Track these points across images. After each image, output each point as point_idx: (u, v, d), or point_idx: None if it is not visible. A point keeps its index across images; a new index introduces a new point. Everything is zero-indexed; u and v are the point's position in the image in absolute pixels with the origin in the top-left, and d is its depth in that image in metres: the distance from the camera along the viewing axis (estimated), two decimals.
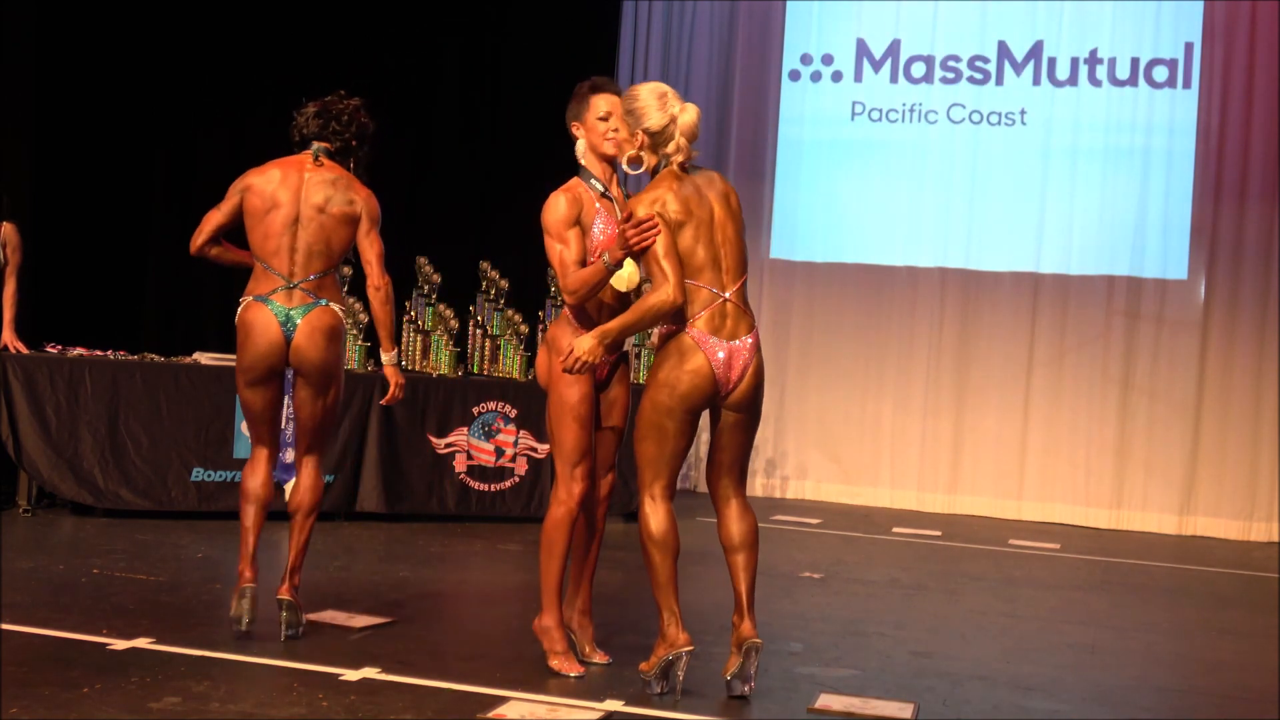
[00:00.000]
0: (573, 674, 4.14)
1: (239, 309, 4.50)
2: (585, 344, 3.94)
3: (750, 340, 4.02)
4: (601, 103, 4.22)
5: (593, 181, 4.23)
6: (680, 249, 3.94)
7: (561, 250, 4.10)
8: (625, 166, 4.11)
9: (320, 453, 4.66)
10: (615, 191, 4.28)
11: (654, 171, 4.08)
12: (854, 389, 9.87)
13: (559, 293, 4.31)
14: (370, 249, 4.53)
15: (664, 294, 3.89)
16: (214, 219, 4.55)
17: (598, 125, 4.21)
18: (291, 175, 4.49)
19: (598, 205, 4.18)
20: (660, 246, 3.90)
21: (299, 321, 4.41)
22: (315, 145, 4.55)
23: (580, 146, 4.26)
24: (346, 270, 7.50)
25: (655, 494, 4.05)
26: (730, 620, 4.12)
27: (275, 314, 4.40)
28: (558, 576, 4.20)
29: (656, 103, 4.00)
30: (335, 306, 4.48)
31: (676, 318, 3.99)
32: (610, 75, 10.15)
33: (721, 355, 3.97)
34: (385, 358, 4.64)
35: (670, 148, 4.02)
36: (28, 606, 4.64)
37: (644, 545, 4.04)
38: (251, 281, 4.50)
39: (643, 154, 4.06)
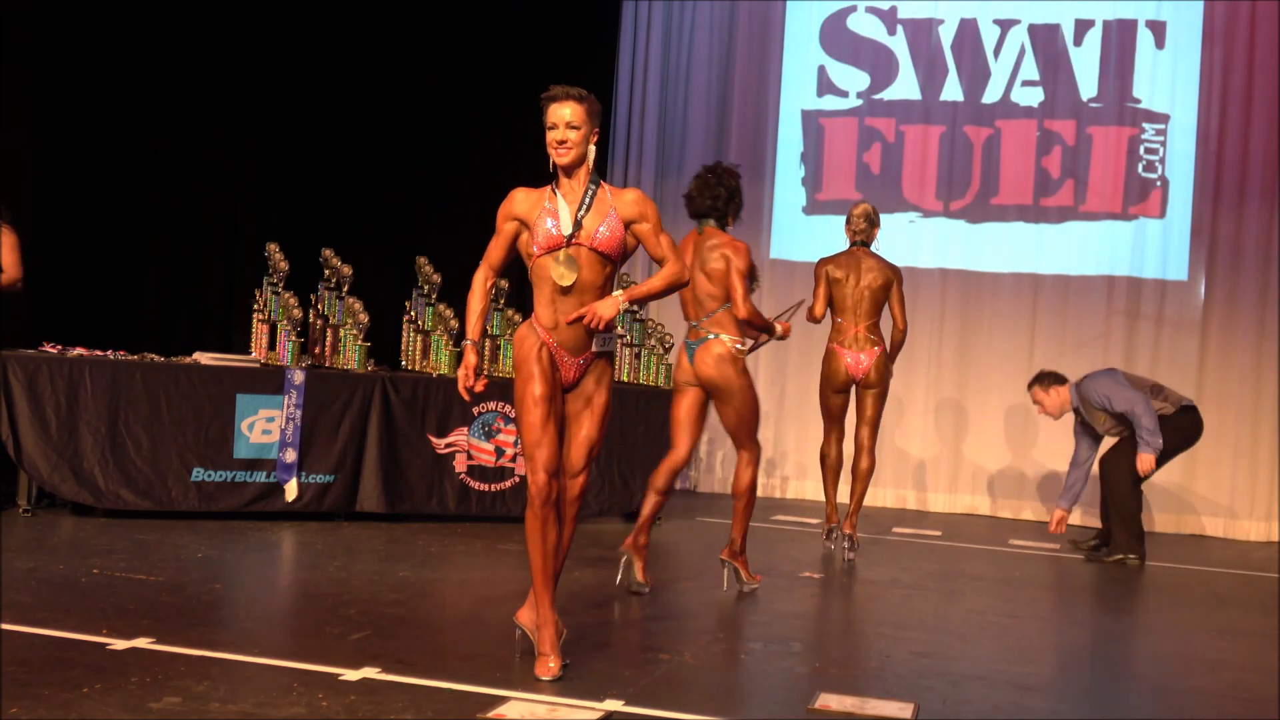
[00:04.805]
0: (545, 677, 4.07)
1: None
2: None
3: (873, 351, 7.05)
4: (549, 113, 4.21)
5: (554, 186, 4.25)
6: (834, 297, 7.13)
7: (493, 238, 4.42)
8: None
9: (747, 449, 5.76)
10: (570, 191, 4.23)
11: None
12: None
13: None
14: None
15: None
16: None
17: (547, 135, 4.22)
18: (687, 246, 5.80)
19: (546, 205, 4.21)
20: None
21: (696, 351, 5.71)
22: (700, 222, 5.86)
23: None
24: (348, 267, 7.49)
25: (827, 438, 7.29)
26: None
27: (685, 347, 5.77)
28: (537, 570, 4.19)
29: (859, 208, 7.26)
30: (725, 338, 5.66)
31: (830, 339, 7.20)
32: (610, 75, 10.21)
33: (850, 360, 7.07)
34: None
35: (850, 234, 7.25)
36: (28, 606, 4.64)
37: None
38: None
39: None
